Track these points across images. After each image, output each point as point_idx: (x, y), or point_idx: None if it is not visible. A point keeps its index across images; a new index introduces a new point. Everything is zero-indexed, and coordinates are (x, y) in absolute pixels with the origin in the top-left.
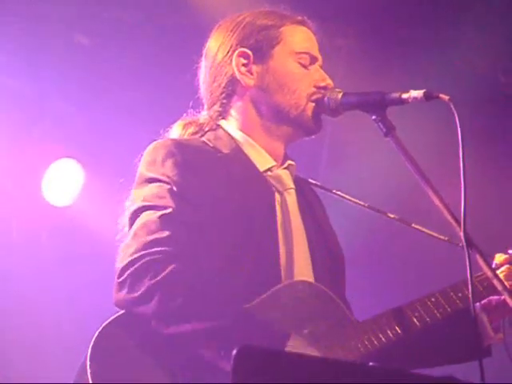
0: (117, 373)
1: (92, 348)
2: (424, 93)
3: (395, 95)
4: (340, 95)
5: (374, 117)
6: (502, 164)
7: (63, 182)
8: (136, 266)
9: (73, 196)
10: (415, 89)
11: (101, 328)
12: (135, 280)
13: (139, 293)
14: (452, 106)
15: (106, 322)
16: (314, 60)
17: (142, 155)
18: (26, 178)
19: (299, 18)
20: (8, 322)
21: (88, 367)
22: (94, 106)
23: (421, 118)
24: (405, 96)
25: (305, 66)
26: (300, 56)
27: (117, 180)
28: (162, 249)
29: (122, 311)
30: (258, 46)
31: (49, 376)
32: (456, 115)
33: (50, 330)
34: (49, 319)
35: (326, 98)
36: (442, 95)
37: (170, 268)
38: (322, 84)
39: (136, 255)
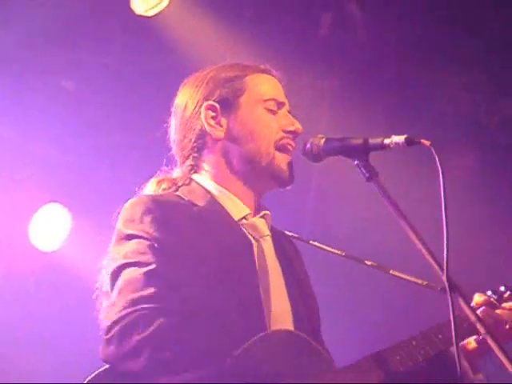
0: None
1: None
2: (405, 138)
3: (377, 141)
4: (322, 141)
5: (356, 162)
6: (486, 207)
7: (50, 226)
8: (123, 322)
9: (60, 240)
10: (400, 129)
11: (86, 381)
12: (123, 336)
13: (127, 348)
14: (433, 151)
15: (91, 376)
16: (280, 105)
17: (118, 212)
18: (12, 223)
19: (261, 66)
20: None
21: None
22: (79, 150)
23: (403, 161)
24: (387, 141)
25: (272, 112)
26: (267, 103)
27: (104, 223)
28: (149, 305)
29: (107, 366)
30: (225, 97)
31: None
32: (437, 160)
33: (37, 375)
34: (36, 364)
35: (308, 144)
36: (423, 140)
37: (157, 323)
38: (291, 128)
39: (123, 312)
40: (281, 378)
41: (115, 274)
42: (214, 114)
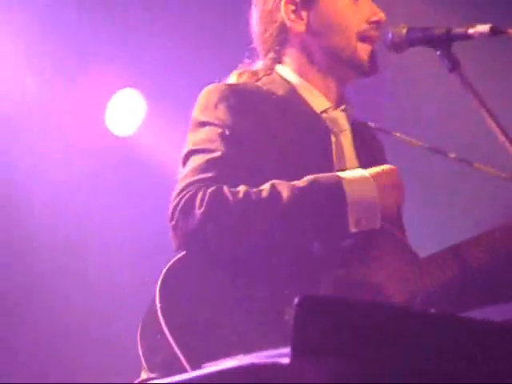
0: (188, 308)
1: (160, 286)
2: (490, 27)
3: (461, 30)
4: (404, 30)
5: (439, 52)
6: None
7: (126, 111)
8: (181, 204)
9: (135, 126)
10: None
11: (167, 266)
12: (185, 216)
13: (194, 224)
14: None
15: (173, 260)
16: None
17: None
18: (89, 107)
19: None
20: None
21: (157, 303)
22: (156, 36)
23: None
24: (471, 31)
25: (354, 1)
26: None
27: (179, 111)
28: (203, 183)
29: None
30: None
31: None
32: None
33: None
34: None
35: (389, 34)
36: (509, 30)
37: (209, 191)
38: (374, 18)
39: (180, 196)
40: None
41: (183, 161)
42: (294, 8)
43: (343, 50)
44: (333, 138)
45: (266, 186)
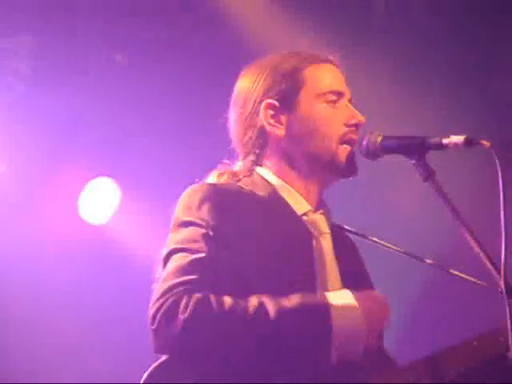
0: None
1: None
2: (465, 139)
3: (435, 140)
4: (379, 138)
5: (413, 161)
6: None
7: (100, 200)
8: (164, 308)
9: (109, 215)
10: (457, 118)
11: (148, 371)
12: (168, 321)
13: (178, 330)
14: (493, 153)
15: (153, 366)
16: (340, 96)
17: (177, 199)
18: (63, 196)
19: (321, 56)
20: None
21: None
22: (132, 126)
23: (461, 162)
24: (445, 141)
25: (332, 105)
26: (326, 96)
27: (153, 199)
28: (187, 287)
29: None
30: (283, 94)
31: None
32: (498, 163)
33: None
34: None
35: (364, 141)
36: (483, 141)
37: (194, 298)
38: (353, 121)
39: (162, 299)
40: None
41: (165, 260)
42: (273, 113)
43: (323, 155)
44: (313, 242)
45: (253, 301)
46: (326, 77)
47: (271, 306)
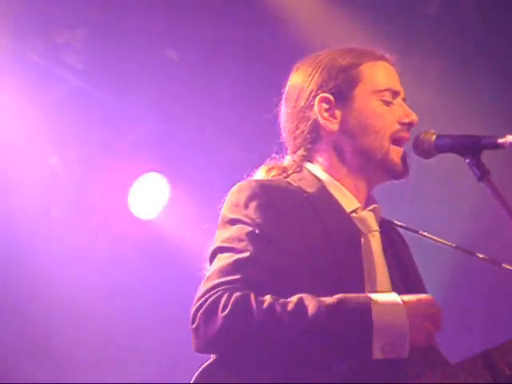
0: None
1: None
2: None
3: (491, 140)
4: (434, 137)
5: (468, 160)
6: None
7: (149, 195)
8: (204, 307)
9: (158, 210)
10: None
11: (197, 373)
12: (208, 320)
13: (216, 329)
14: None
15: (202, 367)
16: (396, 95)
17: (225, 197)
18: (113, 191)
19: (377, 52)
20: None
21: None
22: (182, 120)
23: None
24: (501, 141)
25: (387, 103)
26: (382, 94)
27: (201, 195)
28: (227, 286)
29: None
30: (339, 89)
31: None
32: None
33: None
34: (132, 331)
35: (418, 140)
36: None
37: (234, 297)
38: (407, 120)
39: (203, 298)
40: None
41: (211, 257)
42: (327, 107)
43: (376, 152)
44: (362, 240)
45: (293, 299)
46: (382, 74)
47: (310, 303)
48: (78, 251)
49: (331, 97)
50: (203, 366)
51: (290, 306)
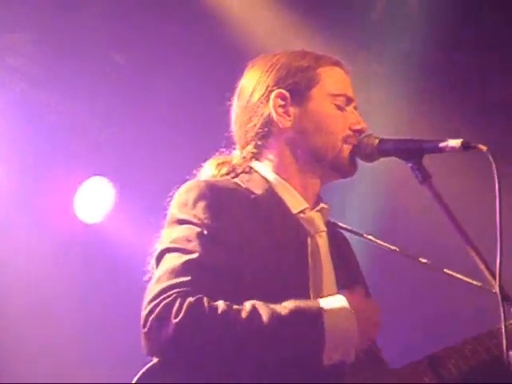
0: None
1: None
2: (462, 142)
3: (432, 144)
4: (376, 141)
5: (410, 164)
6: None
7: (94, 199)
8: (156, 311)
9: (103, 213)
10: (451, 123)
11: (139, 374)
12: (160, 325)
13: (169, 335)
14: (490, 157)
15: (145, 368)
16: (349, 101)
17: (172, 195)
18: (58, 195)
19: (334, 59)
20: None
21: None
22: (125, 124)
23: (458, 165)
24: (442, 145)
25: (341, 108)
26: (336, 98)
27: (147, 198)
28: (180, 290)
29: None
30: (296, 87)
31: None
32: (494, 166)
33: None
34: (75, 338)
35: (361, 144)
36: (479, 145)
37: (187, 302)
38: (358, 127)
39: (155, 301)
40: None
41: (159, 258)
42: (282, 103)
43: (328, 151)
44: (309, 240)
45: (246, 307)
46: (338, 80)
47: (264, 311)
48: (23, 255)
49: (287, 94)
50: (146, 367)
51: (244, 315)
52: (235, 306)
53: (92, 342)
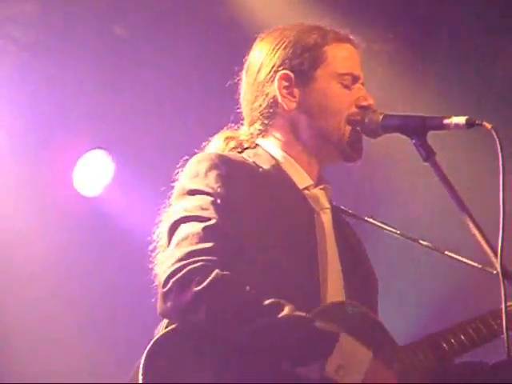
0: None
1: (146, 361)
2: (466, 120)
3: (437, 120)
4: (381, 117)
5: (414, 141)
6: None
7: (93, 172)
8: (180, 275)
9: (102, 186)
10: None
11: (152, 341)
12: (180, 289)
13: (185, 301)
14: (494, 134)
15: (158, 336)
16: (356, 80)
17: (182, 168)
18: (58, 168)
19: (342, 34)
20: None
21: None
22: (127, 96)
23: (462, 143)
24: (446, 122)
25: (347, 87)
26: (342, 77)
27: (145, 172)
28: (206, 258)
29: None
30: (301, 68)
31: None
32: (498, 143)
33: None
34: (77, 309)
35: (366, 119)
36: (484, 123)
37: (213, 274)
38: (364, 103)
39: (179, 264)
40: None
41: (174, 227)
42: (287, 84)
43: (332, 132)
44: (315, 215)
45: (273, 304)
46: (345, 57)
47: (291, 320)
48: (23, 229)
49: (292, 75)
50: (158, 336)
51: (266, 305)
52: (260, 297)
53: (94, 310)
